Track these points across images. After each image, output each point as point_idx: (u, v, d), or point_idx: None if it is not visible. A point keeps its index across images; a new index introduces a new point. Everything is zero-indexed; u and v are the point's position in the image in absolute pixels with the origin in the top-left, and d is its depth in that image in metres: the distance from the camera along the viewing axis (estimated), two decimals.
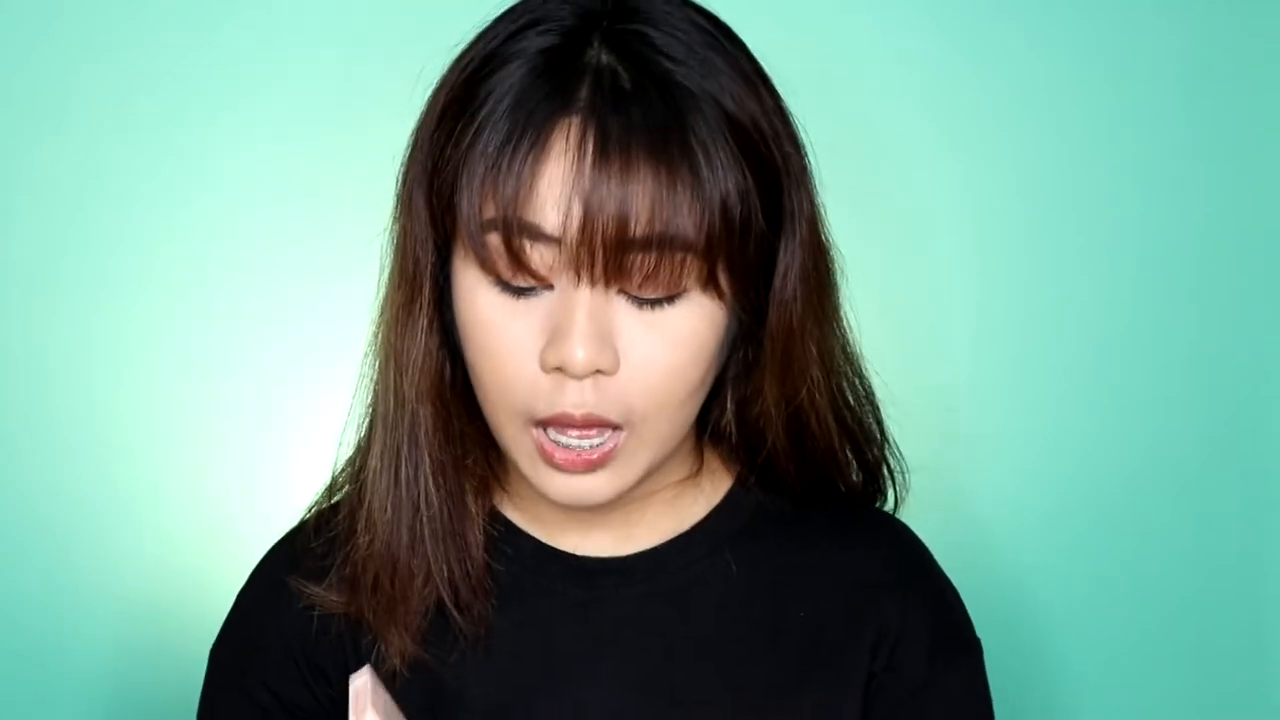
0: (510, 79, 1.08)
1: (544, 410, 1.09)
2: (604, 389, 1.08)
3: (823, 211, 1.14)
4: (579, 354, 1.06)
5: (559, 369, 1.07)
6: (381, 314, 1.16)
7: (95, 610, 1.56)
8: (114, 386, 1.57)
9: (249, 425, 1.57)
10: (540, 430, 1.10)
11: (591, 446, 1.09)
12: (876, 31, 1.59)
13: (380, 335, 1.16)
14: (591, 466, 1.10)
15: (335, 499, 1.22)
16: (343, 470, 1.22)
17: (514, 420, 1.11)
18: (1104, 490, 1.61)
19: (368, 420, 1.18)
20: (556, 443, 1.09)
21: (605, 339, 1.07)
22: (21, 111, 1.54)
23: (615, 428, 1.09)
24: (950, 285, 1.60)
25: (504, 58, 1.09)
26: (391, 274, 1.15)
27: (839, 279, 1.16)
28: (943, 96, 1.59)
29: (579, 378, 1.07)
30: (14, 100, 1.54)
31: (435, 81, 1.13)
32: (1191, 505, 1.61)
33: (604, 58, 1.07)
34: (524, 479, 1.15)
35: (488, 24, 1.12)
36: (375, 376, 1.17)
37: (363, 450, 1.19)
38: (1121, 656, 1.62)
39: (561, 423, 1.09)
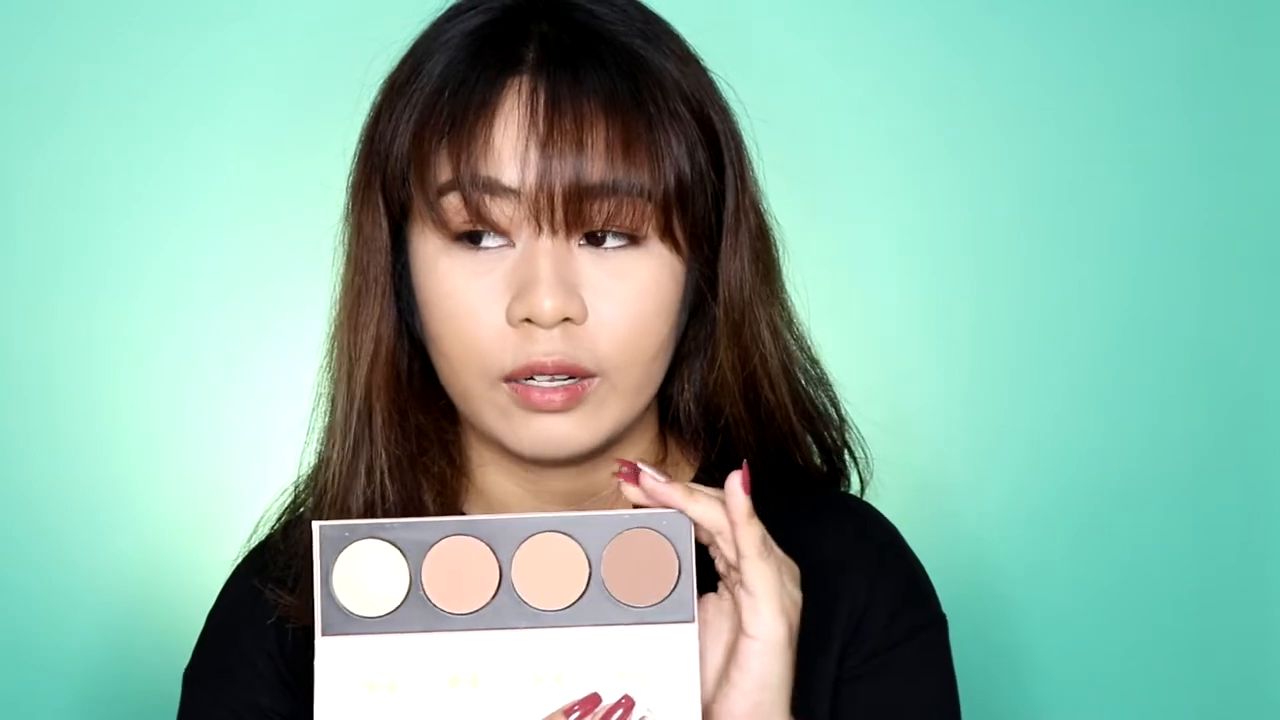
0: (454, 53, 1.11)
1: (513, 363, 1.09)
2: (574, 337, 1.09)
3: (762, 191, 1.16)
4: (547, 303, 1.07)
5: (528, 320, 1.08)
6: (336, 318, 1.17)
7: (92, 607, 1.57)
8: (114, 386, 1.57)
9: (248, 424, 1.58)
10: (512, 382, 1.10)
11: (568, 383, 1.10)
12: (876, 33, 1.59)
13: (336, 336, 1.16)
14: (567, 403, 1.10)
15: (300, 511, 1.22)
16: (305, 487, 1.22)
17: (484, 379, 1.11)
18: (1102, 490, 1.60)
19: (325, 432, 1.18)
20: (529, 385, 1.10)
21: (571, 288, 1.08)
22: (21, 111, 1.55)
23: (588, 375, 1.10)
24: (949, 285, 1.60)
25: (445, 39, 1.12)
26: (345, 268, 1.16)
27: (780, 256, 1.18)
28: (943, 97, 1.59)
29: (548, 327, 1.08)
30: (14, 100, 1.55)
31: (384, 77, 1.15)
32: (1191, 506, 1.61)
33: (546, 26, 1.11)
34: (494, 453, 1.15)
35: (428, 24, 1.15)
36: (331, 380, 1.17)
37: (322, 462, 1.18)
38: (1121, 657, 1.61)
39: (534, 371, 1.09)
